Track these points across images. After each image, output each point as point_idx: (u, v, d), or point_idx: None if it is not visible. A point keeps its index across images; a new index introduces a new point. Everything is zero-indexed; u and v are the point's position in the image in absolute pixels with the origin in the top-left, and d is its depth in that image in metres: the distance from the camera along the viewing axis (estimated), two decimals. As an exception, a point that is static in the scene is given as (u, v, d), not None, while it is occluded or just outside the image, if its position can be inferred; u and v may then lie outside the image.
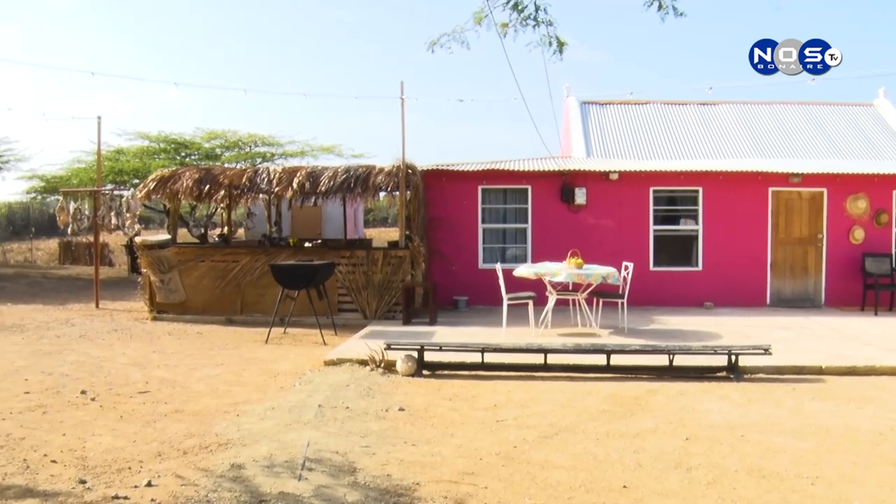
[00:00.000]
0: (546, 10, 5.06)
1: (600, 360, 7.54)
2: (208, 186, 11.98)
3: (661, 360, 7.55)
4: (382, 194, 12.65)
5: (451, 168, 12.75)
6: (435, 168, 12.62)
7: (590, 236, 12.23)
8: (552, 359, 7.56)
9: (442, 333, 9.41)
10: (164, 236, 14.49)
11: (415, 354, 7.53)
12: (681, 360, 7.53)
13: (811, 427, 5.60)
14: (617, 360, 7.53)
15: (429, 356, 7.62)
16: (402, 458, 4.81)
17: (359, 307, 11.31)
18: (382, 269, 11.22)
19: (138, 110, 67.54)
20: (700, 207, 12.58)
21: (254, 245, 13.28)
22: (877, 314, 11.60)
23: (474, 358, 7.64)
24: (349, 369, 7.61)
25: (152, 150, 21.21)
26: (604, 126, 15.77)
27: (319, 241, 14.33)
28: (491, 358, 7.62)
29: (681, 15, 5.15)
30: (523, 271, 9.67)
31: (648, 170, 12.58)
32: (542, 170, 12.58)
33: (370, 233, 26.47)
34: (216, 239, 18.14)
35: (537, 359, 7.59)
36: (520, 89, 45.11)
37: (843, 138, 15.26)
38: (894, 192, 12.52)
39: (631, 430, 5.50)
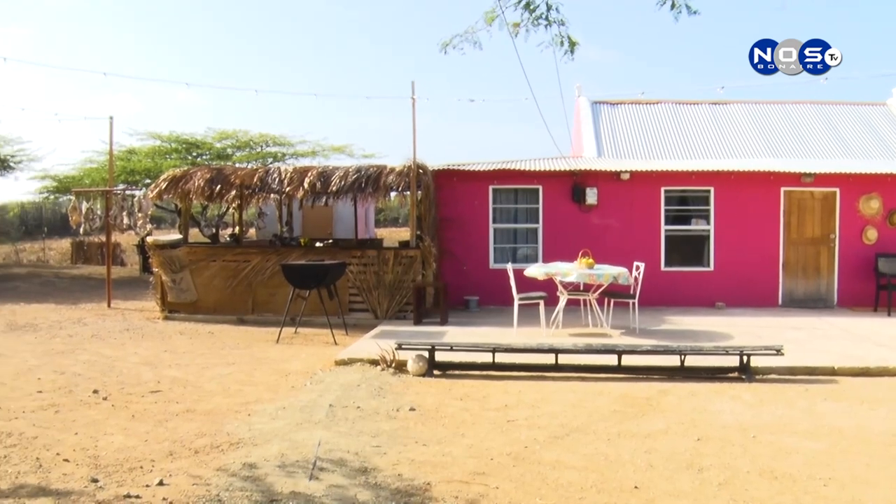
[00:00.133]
0: (558, 10, 5.07)
1: (611, 360, 7.52)
2: (219, 186, 12.03)
3: (673, 361, 7.53)
4: (393, 194, 12.64)
5: (462, 168, 12.75)
6: (446, 168, 12.63)
7: (601, 236, 12.19)
8: (563, 359, 7.55)
9: (453, 333, 9.41)
10: (175, 236, 14.54)
11: (426, 354, 7.53)
12: (692, 361, 7.50)
13: (824, 428, 5.57)
14: (628, 360, 7.51)
15: (440, 356, 7.63)
16: (414, 457, 4.82)
17: (370, 307, 11.33)
18: (393, 269, 11.23)
19: (150, 110, 67.95)
20: (712, 207, 12.53)
21: (265, 245, 13.32)
22: (890, 315, 11.50)
23: (485, 358, 7.64)
24: (360, 369, 7.63)
25: (164, 150, 21.29)
26: (615, 126, 15.72)
27: (330, 241, 14.35)
28: (502, 358, 7.61)
29: (694, 13, 5.11)
30: (534, 271, 9.65)
31: (660, 169, 12.53)
32: (553, 170, 12.56)
33: (381, 233, 26.50)
34: (227, 239, 18.24)
35: (548, 359, 7.57)
36: (531, 89, 45.66)
37: (855, 138, 15.14)
38: (907, 192, 12.42)
39: (642, 430, 5.49)
